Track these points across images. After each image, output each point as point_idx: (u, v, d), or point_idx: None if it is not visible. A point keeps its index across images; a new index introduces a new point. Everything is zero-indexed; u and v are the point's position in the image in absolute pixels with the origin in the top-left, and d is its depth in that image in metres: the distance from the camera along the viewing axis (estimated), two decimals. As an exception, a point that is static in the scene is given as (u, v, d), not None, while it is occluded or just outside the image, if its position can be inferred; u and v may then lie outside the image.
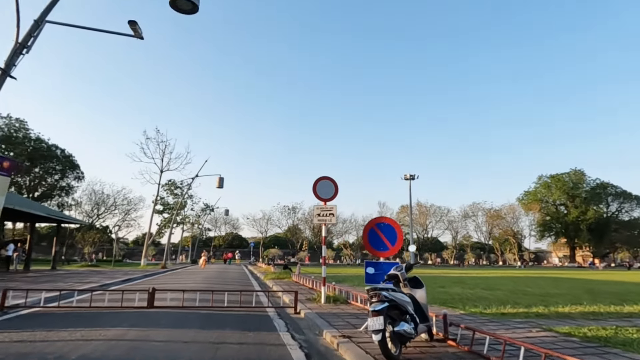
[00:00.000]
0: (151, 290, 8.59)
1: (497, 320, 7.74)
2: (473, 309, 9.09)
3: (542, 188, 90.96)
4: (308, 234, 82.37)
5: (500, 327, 6.99)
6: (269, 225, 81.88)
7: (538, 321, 7.65)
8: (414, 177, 69.68)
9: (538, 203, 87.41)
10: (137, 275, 21.14)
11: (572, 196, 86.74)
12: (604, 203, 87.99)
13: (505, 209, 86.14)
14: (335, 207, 10.33)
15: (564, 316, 8.32)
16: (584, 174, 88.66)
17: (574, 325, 7.11)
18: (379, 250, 6.81)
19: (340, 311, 8.70)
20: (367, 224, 6.94)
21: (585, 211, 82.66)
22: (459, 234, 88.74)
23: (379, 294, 4.75)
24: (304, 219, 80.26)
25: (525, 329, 6.80)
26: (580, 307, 9.61)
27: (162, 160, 37.65)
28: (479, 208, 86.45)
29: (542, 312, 8.82)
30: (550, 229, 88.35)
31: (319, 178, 10.61)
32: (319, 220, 10.33)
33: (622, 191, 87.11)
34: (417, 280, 5.56)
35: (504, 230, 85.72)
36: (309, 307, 9.32)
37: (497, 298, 11.62)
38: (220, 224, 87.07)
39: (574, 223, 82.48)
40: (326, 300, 10.05)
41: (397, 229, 6.81)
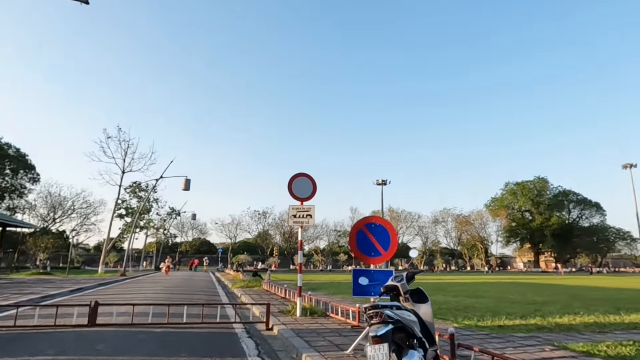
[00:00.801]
0: (93, 305, 7.14)
1: (498, 335, 6.80)
2: (467, 322, 8.15)
3: (509, 195, 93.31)
4: (278, 239, 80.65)
5: (506, 344, 6.05)
6: (238, 230, 79.58)
7: (543, 335, 6.77)
8: (385, 183, 69.56)
9: (505, 209, 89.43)
10: (90, 285, 19.20)
11: (536, 203, 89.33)
12: (566, 210, 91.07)
13: (473, 215, 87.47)
14: (313, 208, 9.21)
15: (568, 328, 7.50)
16: (547, 182, 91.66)
17: (585, 341, 6.27)
18: (369, 256, 5.72)
19: (320, 326, 7.55)
20: (355, 224, 5.84)
21: (549, 218, 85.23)
22: (429, 240, 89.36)
23: (382, 313, 3.64)
24: (275, 224, 78.55)
25: (534, 346, 5.88)
26: (578, 317, 8.86)
27: (123, 160, 35.37)
28: (449, 214, 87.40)
29: (541, 323, 7.99)
30: (516, 235, 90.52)
31: (295, 175, 9.46)
32: (294, 222, 9.16)
33: (582, 198, 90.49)
34: (420, 293, 4.48)
35: (472, 236, 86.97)
36: (282, 321, 8.11)
37: (486, 307, 10.80)
38: (187, 229, 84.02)
39: (539, 229, 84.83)
40: (302, 312, 8.87)
41: (391, 230, 5.75)
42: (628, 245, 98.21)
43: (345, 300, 12.60)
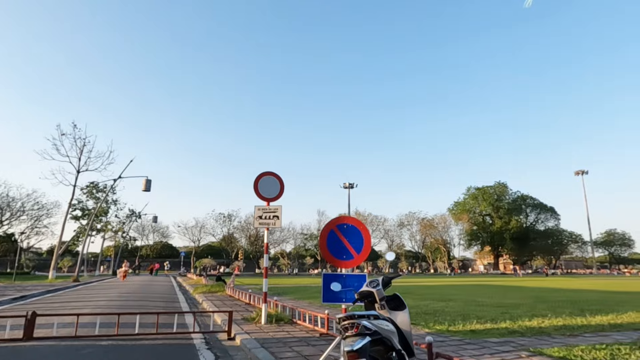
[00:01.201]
0: (30, 315, 6.33)
1: (472, 340, 6.56)
2: (439, 327, 7.89)
3: (471, 199, 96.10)
4: (244, 242, 79.14)
5: (482, 350, 5.79)
6: (202, 233, 77.39)
7: (516, 340, 6.59)
8: (352, 186, 70.04)
9: (467, 213, 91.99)
10: (37, 292, 17.75)
11: (496, 207, 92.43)
12: (524, 214, 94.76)
13: (437, 218, 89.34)
14: (280, 208, 8.72)
15: (539, 332, 7.37)
16: (506, 187, 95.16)
17: (559, 345, 6.12)
18: (340, 259, 5.30)
19: (286, 335, 7.05)
20: (327, 225, 5.42)
21: (508, 221, 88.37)
22: (394, 243, 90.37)
23: (358, 324, 3.22)
24: (241, 227, 77.03)
25: (510, 352, 5.65)
26: (547, 320, 8.82)
27: (79, 159, 33.35)
28: (414, 217, 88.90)
29: (512, 327, 7.85)
30: (477, 238, 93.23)
31: (262, 174, 8.95)
32: (260, 223, 8.64)
33: (539, 203, 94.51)
34: (398, 300, 4.11)
35: (435, 239, 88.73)
36: (246, 329, 7.56)
37: (455, 311, 10.64)
38: (148, 232, 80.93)
39: (499, 233, 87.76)
40: (268, 320, 8.34)
41: (364, 232, 5.36)
42: (579, 247, 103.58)
43: (313, 306, 12.15)
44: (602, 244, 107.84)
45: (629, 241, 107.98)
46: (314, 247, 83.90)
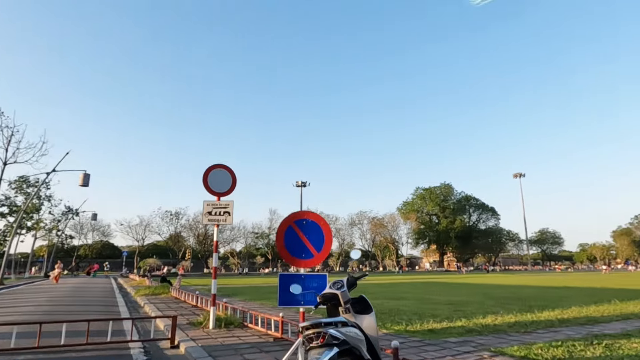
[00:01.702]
0: None
1: (432, 341, 6.36)
2: (396, 327, 7.67)
3: (418, 199, 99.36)
4: (192, 241, 76.29)
5: (444, 352, 5.58)
6: (147, 232, 73.45)
7: (475, 339, 6.48)
8: (305, 184, 69.80)
9: (415, 213, 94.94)
10: (-50, 297, 15.71)
11: (442, 207, 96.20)
12: (467, 214, 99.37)
13: (387, 217, 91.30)
14: (232, 204, 8.10)
15: (494, 330, 7.35)
16: (452, 187, 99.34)
17: (517, 343, 6.06)
18: (299, 258, 4.84)
19: (237, 340, 6.48)
20: (284, 220, 4.93)
21: (453, 221, 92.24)
22: (345, 242, 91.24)
23: (324, 334, 2.78)
24: (189, 226, 74.05)
25: (472, 353, 5.48)
26: (499, 317, 8.91)
27: (6, 149, 30.23)
28: (364, 216, 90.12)
29: (468, 325, 7.79)
30: (424, 237, 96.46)
31: (212, 166, 8.28)
32: (210, 219, 7.98)
33: (481, 203, 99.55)
34: (364, 302, 3.72)
35: (385, 238, 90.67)
36: (192, 335, 6.89)
37: (410, 310, 10.55)
38: (87, 230, 75.74)
39: (445, 231, 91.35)
40: (216, 324, 7.71)
41: (325, 228, 4.94)
42: (516, 245, 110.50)
43: (265, 307, 11.62)
44: (536, 242, 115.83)
45: (559, 239, 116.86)
46: (264, 246, 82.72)
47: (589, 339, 6.27)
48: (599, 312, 9.59)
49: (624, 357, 5.16)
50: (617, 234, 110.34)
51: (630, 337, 6.39)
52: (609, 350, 5.49)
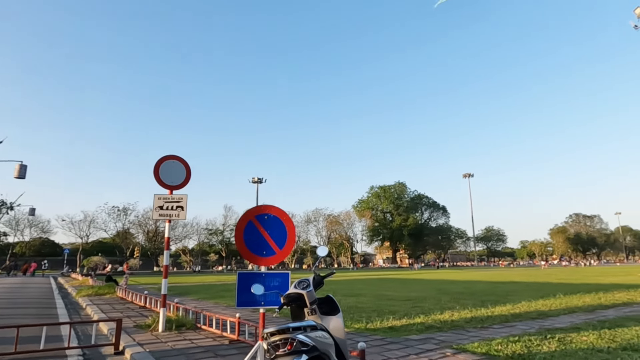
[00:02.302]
0: None
1: (393, 339, 6.25)
2: (357, 325, 7.52)
3: (373, 197, 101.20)
4: (141, 238, 73.01)
5: (407, 350, 5.47)
6: (91, 228, 69.29)
7: (435, 336, 6.45)
8: (261, 181, 68.89)
9: (369, 211, 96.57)
10: None
11: (396, 205, 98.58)
12: (420, 212, 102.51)
13: (342, 215, 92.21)
14: (185, 198, 7.59)
15: (453, 326, 7.38)
16: (405, 186, 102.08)
17: (475, 338, 6.09)
18: (260, 255, 4.50)
19: (189, 344, 6.04)
20: (244, 215, 4.57)
21: (406, 219, 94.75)
22: (300, 239, 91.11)
23: (292, 339, 2.49)
24: (138, 222, 70.78)
25: (434, 351, 5.41)
26: (456, 312, 9.02)
27: None
28: (320, 214, 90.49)
29: (427, 322, 7.79)
30: (379, 234, 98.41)
31: (164, 157, 7.71)
32: (161, 214, 7.42)
33: (433, 202, 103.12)
34: (331, 303, 3.46)
35: (340, 235, 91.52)
36: (140, 340, 6.36)
37: (369, 307, 10.48)
38: (24, 226, 70.35)
39: (398, 229, 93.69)
40: (166, 326, 7.19)
41: (288, 223, 4.63)
42: (464, 242, 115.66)
43: (219, 307, 11.13)
44: (482, 239, 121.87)
45: (503, 237, 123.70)
46: (219, 243, 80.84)
47: (542, 333, 6.41)
48: (547, 306, 9.98)
49: (578, 350, 5.29)
50: (554, 232, 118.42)
51: (580, 331, 6.62)
52: (562, 345, 5.62)
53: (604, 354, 5.07)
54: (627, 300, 11.12)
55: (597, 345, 5.52)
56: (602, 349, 5.35)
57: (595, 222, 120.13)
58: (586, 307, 9.65)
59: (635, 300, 10.98)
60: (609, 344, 5.63)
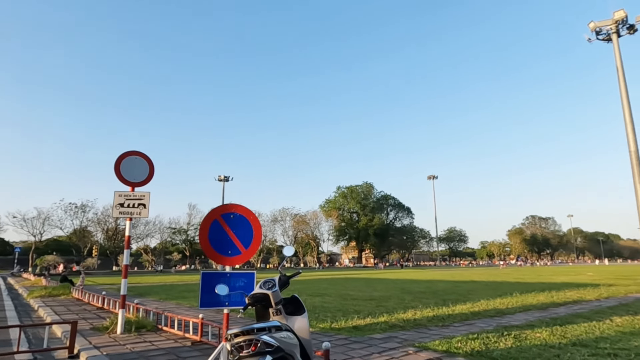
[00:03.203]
0: None
1: (357, 338, 6.31)
2: (322, 324, 7.55)
3: (340, 197, 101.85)
4: (100, 237, 70.16)
5: (370, 349, 5.54)
6: (46, 226, 65.78)
7: (399, 335, 6.57)
8: (228, 179, 67.88)
9: (336, 211, 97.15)
10: None
11: (363, 205, 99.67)
12: (385, 212, 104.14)
13: (309, 215, 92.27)
14: (148, 195, 7.36)
15: (415, 324, 7.55)
16: (372, 187, 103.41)
17: (439, 337, 6.24)
18: (225, 255, 4.41)
19: (149, 347, 5.85)
20: (209, 214, 4.47)
21: (372, 219, 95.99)
22: (267, 238, 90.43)
23: (256, 340, 2.46)
24: (97, 220, 67.96)
25: (397, 349, 5.51)
26: (419, 311, 9.22)
27: None
28: (287, 213, 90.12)
29: (390, 321, 7.92)
30: (345, 234, 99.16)
31: (125, 153, 7.43)
32: (121, 212, 7.15)
33: (398, 203, 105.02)
34: (296, 303, 3.45)
35: (307, 235, 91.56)
36: (96, 343, 6.10)
37: (334, 306, 10.53)
38: (-30, 223, 65.86)
39: (364, 229, 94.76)
40: (125, 328, 6.93)
41: (254, 222, 4.58)
42: (427, 243, 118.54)
43: (181, 308, 10.87)
44: (445, 240, 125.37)
45: (464, 237, 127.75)
46: (182, 242, 78.97)
47: (500, 331, 6.67)
48: (504, 304, 10.39)
49: (532, 347, 5.53)
50: (512, 233, 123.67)
51: (534, 328, 6.93)
52: (518, 341, 5.86)
53: (556, 350, 5.33)
54: (577, 298, 11.76)
55: (550, 342, 5.80)
56: (554, 345, 5.63)
57: (549, 224, 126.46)
58: (540, 305, 10.12)
59: (585, 298, 11.63)
60: (560, 340, 5.93)
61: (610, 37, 21.77)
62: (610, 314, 8.44)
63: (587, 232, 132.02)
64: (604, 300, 11.39)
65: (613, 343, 5.61)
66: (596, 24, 23.47)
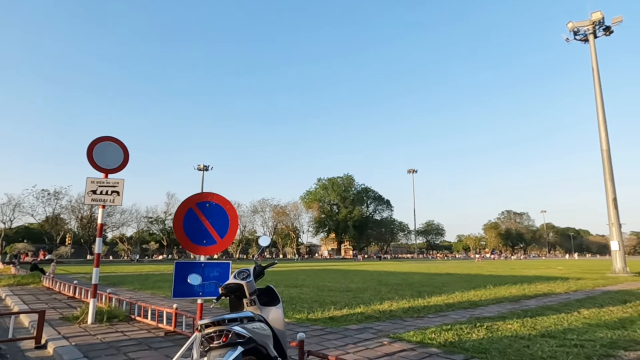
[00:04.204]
0: None
1: (333, 329, 6.33)
2: (298, 315, 7.54)
3: (321, 189, 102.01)
4: (74, 225, 68.42)
5: (345, 340, 5.56)
6: (16, 213, 63.69)
7: (374, 326, 6.62)
8: (207, 168, 67.07)
9: (317, 202, 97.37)
10: None
11: (343, 198, 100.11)
12: (365, 205, 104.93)
13: (290, 206, 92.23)
14: (122, 182, 7.15)
15: (391, 315, 7.63)
16: (353, 179, 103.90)
17: (413, 328, 6.32)
18: (200, 244, 4.32)
19: (121, 337, 5.73)
20: (184, 202, 4.36)
21: (352, 211, 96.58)
22: (246, 229, 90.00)
23: (227, 331, 2.41)
24: (71, 207, 66.20)
25: (372, 340, 5.55)
26: (395, 302, 9.32)
27: None
28: (267, 204, 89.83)
29: (366, 312, 7.97)
30: (325, 226, 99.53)
31: (98, 139, 7.19)
32: (94, 199, 6.94)
33: (378, 195, 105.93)
34: (271, 293, 3.42)
35: (286, 226, 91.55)
36: (65, 333, 5.93)
37: (311, 297, 10.54)
38: None
39: (344, 221, 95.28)
40: (96, 318, 6.77)
41: (230, 212, 4.49)
42: (405, 236, 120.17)
43: (156, 298, 10.70)
44: (423, 233, 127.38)
45: (442, 231, 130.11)
46: (160, 232, 77.80)
47: (472, 322, 6.80)
48: (477, 296, 10.61)
49: (503, 338, 5.66)
50: (487, 227, 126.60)
51: (506, 319, 7.09)
52: (490, 332, 5.99)
53: (525, 341, 5.46)
54: (547, 291, 12.11)
55: (520, 333, 5.94)
56: (524, 336, 5.77)
57: (524, 219, 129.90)
58: (512, 298, 10.38)
59: (554, 291, 11.99)
60: (530, 331, 6.09)
61: (587, 37, 22.22)
62: (578, 306, 8.72)
63: (559, 227, 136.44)
64: (573, 293, 11.76)
65: (580, 334, 5.79)
66: (574, 24, 24.05)
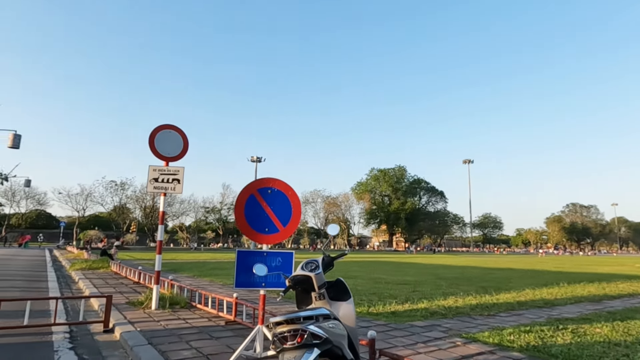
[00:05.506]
0: None
1: (397, 325, 5.95)
2: (359, 308, 7.22)
3: (372, 180, 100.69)
4: (138, 214, 72.76)
5: (413, 338, 5.16)
6: (88, 202, 68.81)
7: (441, 323, 6.16)
8: (260, 160, 68.37)
9: (368, 194, 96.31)
10: None
11: (395, 189, 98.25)
12: (417, 196, 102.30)
13: (341, 197, 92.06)
14: (182, 170, 7.17)
15: (457, 312, 7.10)
16: (405, 170, 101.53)
17: (486, 328, 5.78)
18: (262, 232, 4.11)
19: (182, 324, 5.72)
20: (245, 188, 4.16)
21: (404, 202, 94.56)
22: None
23: (303, 331, 2.12)
24: (135, 197, 70.41)
25: (443, 339, 5.10)
26: (460, 298, 8.75)
27: None
28: (318, 195, 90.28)
29: (430, 307, 7.50)
30: (376, 217, 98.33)
31: (160, 127, 7.25)
32: (156, 187, 7.01)
33: (431, 187, 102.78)
34: (341, 287, 3.09)
35: (337, 217, 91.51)
36: (131, 318, 6.04)
37: (367, 290, 10.20)
38: (20, 198, 69.76)
39: (395, 213, 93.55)
40: (159, 304, 6.87)
41: (293, 198, 4.23)
42: (460, 228, 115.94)
43: (214, 285, 10.84)
44: (479, 226, 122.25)
45: (499, 224, 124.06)
46: (215, 221, 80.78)
47: (553, 324, 6.13)
48: (552, 295, 9.73)
49: (594, 343, 4.99)
50: (550, 221, 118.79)
51: (592, 322, 6.34)
52: (577, 337, 5.33)
53: (622, 348, 4.78)
54: (632, 291, 10.90)
55: (613, 339, 5.23)
56: (618, 342, 5.07)
57: (591, 212, 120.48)
58: (592, 297, 9.41)
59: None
60: (624, 337, 5.36)
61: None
62: (676, 310, 7.68)
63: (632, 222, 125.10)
64: (663, 294, 10.50)
65: (689, 344, 4.98)
66: None
